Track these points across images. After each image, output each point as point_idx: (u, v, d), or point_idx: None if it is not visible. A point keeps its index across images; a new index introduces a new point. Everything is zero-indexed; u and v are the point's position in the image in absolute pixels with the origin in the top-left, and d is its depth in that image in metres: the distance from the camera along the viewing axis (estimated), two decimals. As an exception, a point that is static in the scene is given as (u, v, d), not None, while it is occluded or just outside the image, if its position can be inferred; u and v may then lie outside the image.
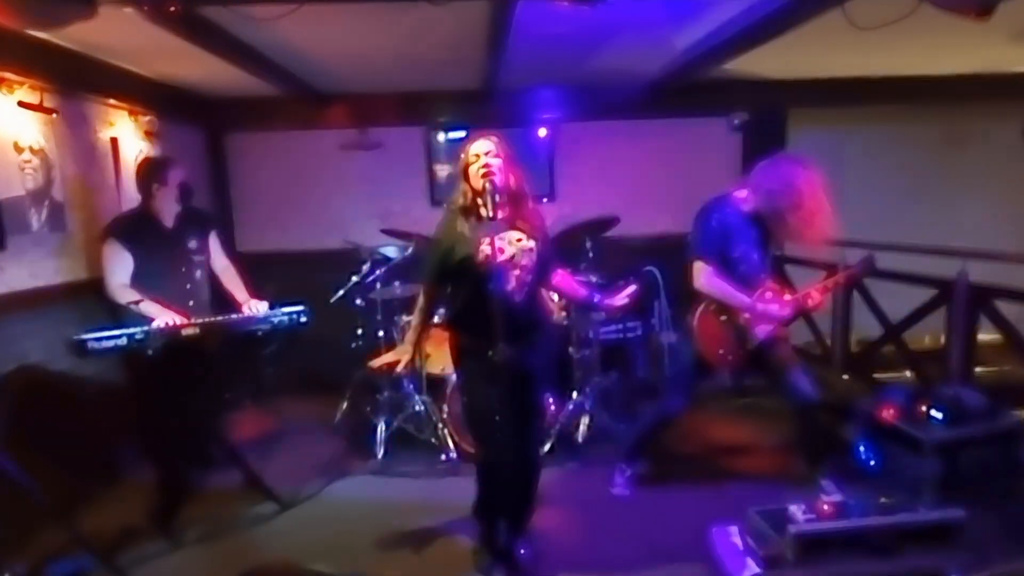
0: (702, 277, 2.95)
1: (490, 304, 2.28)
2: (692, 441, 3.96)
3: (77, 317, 3.27)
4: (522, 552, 2.71)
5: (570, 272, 2.97)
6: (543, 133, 5.35)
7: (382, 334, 4.24)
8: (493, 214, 2.36)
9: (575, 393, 4.00)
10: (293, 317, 3.01)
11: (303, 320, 3.03)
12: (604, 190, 5.36)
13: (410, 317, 3.13)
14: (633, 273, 3.89)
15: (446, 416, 3.77)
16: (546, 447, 3.66)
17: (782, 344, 3.11)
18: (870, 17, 2.77)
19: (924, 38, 3.62)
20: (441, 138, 5.34)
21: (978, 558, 2.49)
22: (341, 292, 4.15)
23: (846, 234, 3.89)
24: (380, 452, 3.83)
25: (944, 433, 3.09)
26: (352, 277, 4.16)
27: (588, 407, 3.98)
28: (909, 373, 4.22)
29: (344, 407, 4.35)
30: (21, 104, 3.11)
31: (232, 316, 3.04)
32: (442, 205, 3.00)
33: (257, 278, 3.42)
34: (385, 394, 4.03)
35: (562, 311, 4.02)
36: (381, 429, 3.90)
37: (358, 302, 4.29)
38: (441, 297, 2.69)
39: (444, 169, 5.30)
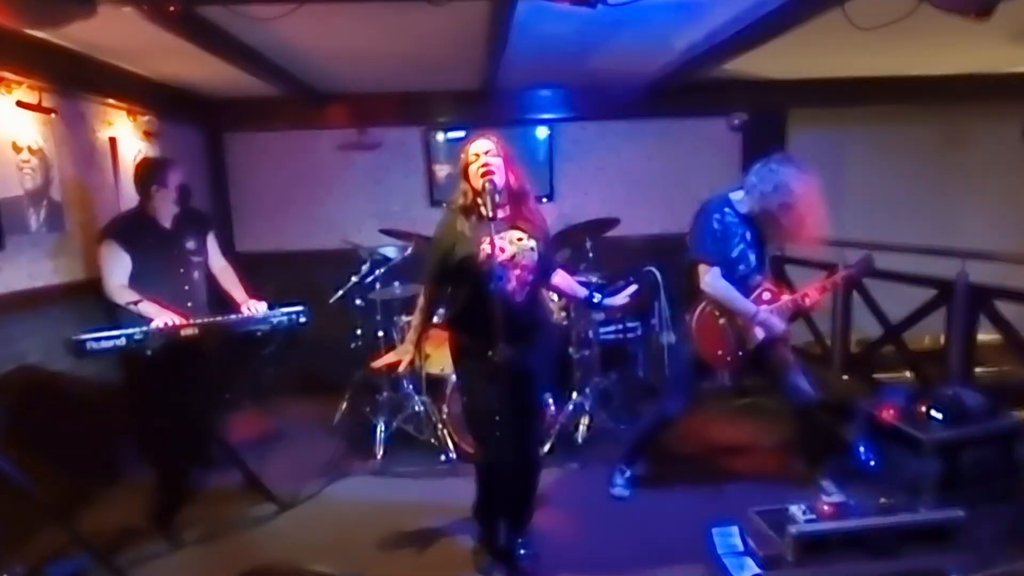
0: (708, 279, 2.95)
1: (490, 304, 2.28)
2: (692, 441, 3.95)
3: (76, 317, 3.27)
4: (522, 552, 2.70)
5: (570, 272, 2.96)
6: (543, 133, 5.35)
7: (381, 334, 4.23)
8: (493, 213, 2.35)
9: (575, 393, 3.99)
10: (292, 317, 3.01)
11: (302, 320, 3.02)
12: (604, 190, 5.36)
13: (410, 317, 3.13)
14: (633, 273, 3.89)
15: (446, 416, 3.77)
16: (546, 447, 3.66)
17: (781, 344, 3.11)
18: (870, 17, 2.76)
19: (924, 38, 3.61)
20: (440, 138, 5.32)
21: (978, 558, 2.49)
22: (340, 292, 4.13)
23: (846, 234, 3.92)
24: (380, 453, 3.82)
25: (944, 433, 3.09)
26: (351, 277, 4.15)
27: (588, 407, 3.98)
28: (909, 373, 4.22)
29: (344, 407, 4.35)
30: (19, 104, 3.10)
31: (231, 316, 3.03)
32: (441, 205, 2.99)
33: (256, 278, 3.42)
34: (385, 394, 4.03)
35: (562, 311, 4.01)
36: (381, 429, 3.89)
37: (357, 302, 4.28)
38: (441, 297, 2.69)
39: (443, 169, 5.29)
